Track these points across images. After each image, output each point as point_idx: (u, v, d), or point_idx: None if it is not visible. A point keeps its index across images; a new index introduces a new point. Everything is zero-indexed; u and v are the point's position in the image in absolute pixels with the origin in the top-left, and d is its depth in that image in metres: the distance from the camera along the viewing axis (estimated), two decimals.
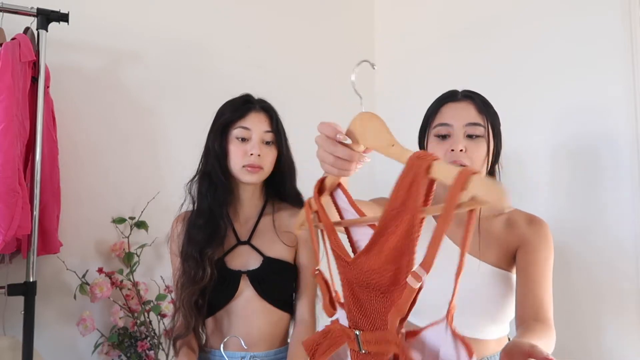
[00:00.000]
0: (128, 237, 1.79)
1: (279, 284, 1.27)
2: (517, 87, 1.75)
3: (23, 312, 1.47)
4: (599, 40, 1.53)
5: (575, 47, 1.59)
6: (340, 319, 0.78)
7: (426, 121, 1.17)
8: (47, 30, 1.56)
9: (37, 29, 1.54)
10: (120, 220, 1.79)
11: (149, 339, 1.69)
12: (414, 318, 1.11)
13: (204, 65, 2.03)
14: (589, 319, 1.51)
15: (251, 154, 1.23)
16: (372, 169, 2.23)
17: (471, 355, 0.57)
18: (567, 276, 1.52)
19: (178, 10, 2.00)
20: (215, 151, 1.26)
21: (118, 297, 1.70)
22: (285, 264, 1.27)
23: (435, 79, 2.10)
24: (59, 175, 1.61)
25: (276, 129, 1.28)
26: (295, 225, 0.88)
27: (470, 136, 1.08)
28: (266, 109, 1.28)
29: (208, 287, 1.20)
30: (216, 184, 1.26)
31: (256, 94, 1.32)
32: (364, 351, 0.70)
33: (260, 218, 1.31)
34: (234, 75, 2.05)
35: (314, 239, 0.81)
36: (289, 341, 1.29)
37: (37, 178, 1.49)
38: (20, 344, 1.47)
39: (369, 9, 2.52)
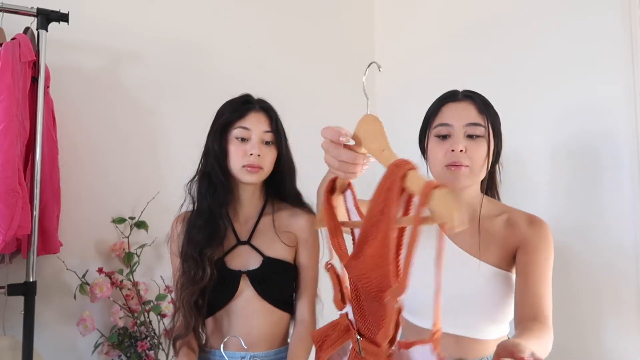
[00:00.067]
0: (128, 237, 1.79)
1: (279, 284, 1.27)
2: (517, 87, 1.75)
3: (23, 312, 1.47)
4: (599, 40, 1.53)
5: (575, 47, 1.59)
6: (349, 314, 0.79)
7: (426, 121, 1.17)
8: (47, 30, 1.56)
9: (37, 29, 1.55)
10: (120, 220, 1.79)
11: (149, 339, 1.69)
12: (415, 318, 1.12)
13: (204, 65, 2.03)
14: (589, 319, 1.51)
15: (251, 154, 1.23)
16: (373, 169, 2.23)
17: None
18: (567, 276, 1.52)
19: (178, 10, 2.00)
20: (215, 151, 1.26)
21: (118, 297, 1.70)
22: (285, 263, 1.27)
23: (435, 79, 2.10)
24: (59, 175, 1.61)
25: (276, 129, 1.27)
26: (315, 222, 0.88)
27: (471, 136, 1.08)
28: (266, 109, 1.28)
29: (208, 287, 1.21)
30: (216, 184, 1.26)
31: (256, 94, 1.32)
32: (362, 354, 0.72)
33: (260, 218, 1.30)
34: (234, 75, 2.05)
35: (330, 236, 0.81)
36: (289, 341, 1.29)
37: (37, 178, 1.49)
38: (20, 344, 1.47)
39: (369, 9, 2.52)
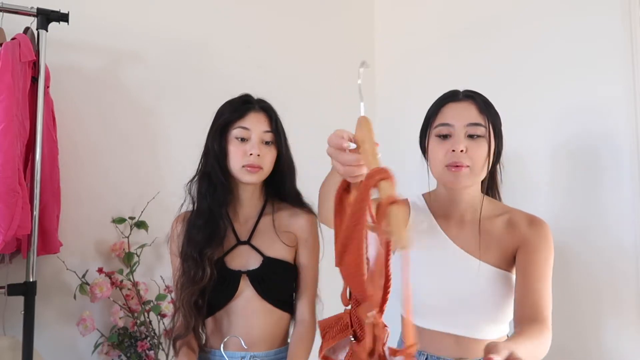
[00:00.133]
0: (128, 237, 1.79)
1: (279, 283, 1.27)
2: (517, 87, 1.75)
3: (23, 312, 1.47)
4: (599, 40, 1.53)
5: (575, 47, 1.59)
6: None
7: (427, 121, 1.16)
8: (47, 30, 1.56)
9: (37, 29, 1.54)
10: (120, 220, 1.79)
11: (149, 339, 1.69)
12: (416, 319, 1.12)
13: (204, 65, 2.03)
14: (589, 318, 1.51)
15: (250, 154, 1.23)
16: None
17: None
18: (567, 276, 1.52)
19: (178, 10, 2.00)
20: (215, 151, 1.26)
21: (118, 297, 1.70)
22: (285, 263, 1.27)
23: (435, 79, 2.10)
24: (59, 175, 1.61)
25: (275, 129, 1.27)
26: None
27: (472, 136, 1.08)
28: (265, 109, 1.28)
29: (208, 287, 1.21)
30: (216, 184, 1.26)
31: (256, 94, 1.31)
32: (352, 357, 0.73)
33: (260, 218, 1.30)
34: (234, 75, 2.05)
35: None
36: (289, 341, 1.29)
37: (37, 178, 1.49)
38: (20, 344, 1.47)
39: (369, 9, 2.52)
